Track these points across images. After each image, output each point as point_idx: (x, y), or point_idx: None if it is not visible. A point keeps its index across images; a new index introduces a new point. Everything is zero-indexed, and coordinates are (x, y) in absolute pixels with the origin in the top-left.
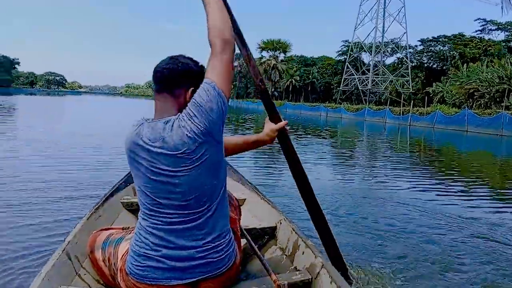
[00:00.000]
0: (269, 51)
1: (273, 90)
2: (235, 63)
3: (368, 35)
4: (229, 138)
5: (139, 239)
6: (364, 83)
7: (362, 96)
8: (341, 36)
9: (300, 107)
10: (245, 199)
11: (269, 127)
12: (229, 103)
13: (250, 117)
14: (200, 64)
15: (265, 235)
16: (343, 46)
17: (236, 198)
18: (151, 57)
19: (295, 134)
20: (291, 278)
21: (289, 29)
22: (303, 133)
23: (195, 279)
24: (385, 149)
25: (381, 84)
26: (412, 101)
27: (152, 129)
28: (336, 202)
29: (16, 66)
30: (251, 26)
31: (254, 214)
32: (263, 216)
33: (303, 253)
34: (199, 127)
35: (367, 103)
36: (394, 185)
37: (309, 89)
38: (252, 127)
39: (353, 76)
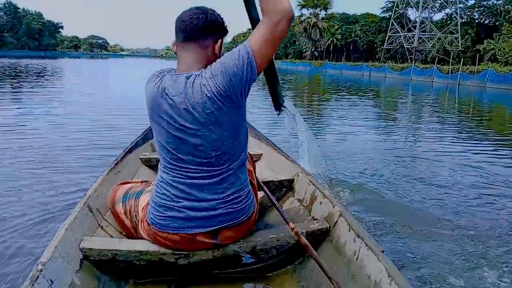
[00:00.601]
0: (309, 8)
1: (313, 50)
2: None
3: None
4: None
5: (160, 191)
6: (410, 41)
7: (407, 55)
8: None
9: (342, 67)
10: (261, 153)
11: None
12: None
13: (289, 78)
14: (222, 17)
15: (283, 188)
16: (388, 2)
17: (249, 153)
18: None
19: (337, 95)
20: (308, 227)
21: None
22: (346, 94)
23: (216, 227)
24: (432, 109)
25: (428, 41)
26: (461, 59)
27: (175, 82)
28: (382, 165)
29: (60, 30)
30: None
31: (271, 168)
32: (281, 170)
33: (320, 203)
34: (219, 88)
35: (413, 61)
36: (442, 148)
37: (351, 48)
38: (290, 88)
39: (398, 34)
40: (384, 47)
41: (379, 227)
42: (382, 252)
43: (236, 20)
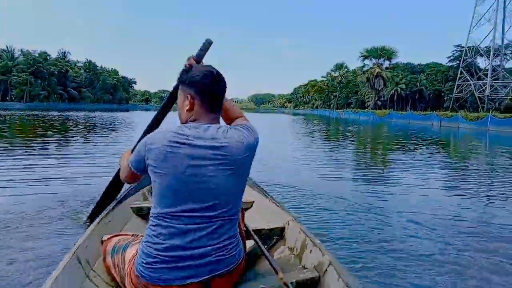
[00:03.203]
0: (372, 59)
1: (376, 99)
2: (336, 73)
3: (485, 37)
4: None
5: (153, 240)
6: (481, 89)
7: (478, 103)
8: (452, 41)
9: (409, 116)
10: (253, 201)
11: None
12: (328, 114)
13: (351, 129)
14: None
15: (274, 236)
16: (455, 51)
17: None
18: (255, 72)
19: (407, 147)
20: (298, 276)
21: (394, 36)
22: (415, 145)
23: (208, 277)
24: None
25: (501, 89)
26: None
27: (205, 130)
28: (455, 239)
29: (133, 85)
30: (353, 34)
31: (263, 216)
32: (272, 218)
33: (311, 252)
34: (250, 140)
35: (485, 110)
36: None
37: (417, 97)
38: (353, 142)
39: (468, 82)
40: (453, 95)
41: None
42: None
43: (296, 74)
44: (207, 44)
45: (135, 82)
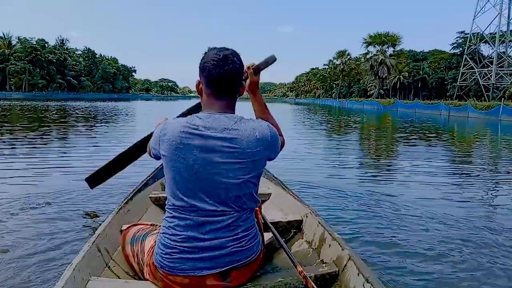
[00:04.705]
0: (376, 45)
1: (380, 87)
2: (338, 61)
3: (490, 23)
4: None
5: (170, 232)
6: (486, 77)
7: (483, 92)
8: (455, 28)
9: (415, 106)
10: (270, 193)
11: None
12: (330, 103)
13: (355, 119)
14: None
15: (292, 229)
16: (458, 38)
17: None
18: (256, 60)
19: (421, 136)
20: (317, 270)
21: (396, 22)
22: (428, 136)
23: (226, 268)
24: None
25: (507, 77)
26: None
27: (214, 120)
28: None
29: (133, 73)
30: (356, 20)
31: (280, 208)
32: (289, 210)
33: (329, 246)
34: (265, 133)
35: (490, 99)
36: None
37: (419, 85)
38: (357, 132)
39: (472, 70)
40: (458, 83)
41: None
42: None
43: (298, 62)
44: (271, 60)
45: (135, 71)
